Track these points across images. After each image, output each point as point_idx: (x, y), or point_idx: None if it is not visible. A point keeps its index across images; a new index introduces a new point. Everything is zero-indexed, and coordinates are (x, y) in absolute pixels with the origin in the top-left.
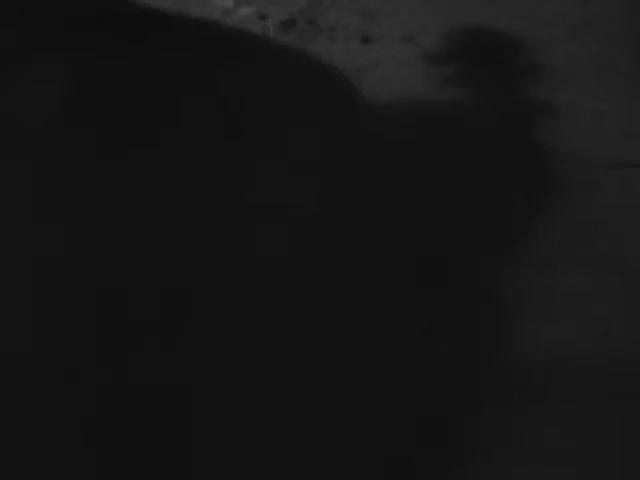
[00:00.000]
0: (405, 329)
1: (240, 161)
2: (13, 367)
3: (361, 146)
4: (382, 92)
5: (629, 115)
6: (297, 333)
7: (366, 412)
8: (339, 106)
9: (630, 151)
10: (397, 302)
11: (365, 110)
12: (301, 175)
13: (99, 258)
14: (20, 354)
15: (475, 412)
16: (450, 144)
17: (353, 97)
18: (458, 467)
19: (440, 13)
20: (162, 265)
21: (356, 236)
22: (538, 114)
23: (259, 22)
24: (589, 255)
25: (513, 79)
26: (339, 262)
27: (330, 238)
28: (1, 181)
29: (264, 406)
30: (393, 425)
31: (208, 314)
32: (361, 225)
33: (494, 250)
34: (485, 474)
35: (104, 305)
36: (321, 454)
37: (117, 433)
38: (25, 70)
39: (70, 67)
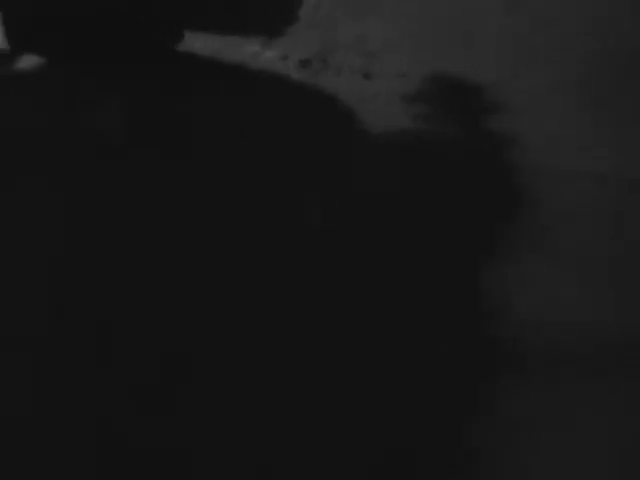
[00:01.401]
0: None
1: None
2: (15, 431)
3: (356, 160)
4: (379, 117)
5: (577, 134)
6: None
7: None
8: (340, 128)
9: (579, 163)
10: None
11: (361, 131)
12: (305, 186)
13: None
14: (22, 417)
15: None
16: (427, 160)
17: (352, 122)
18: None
19: (425, 53)
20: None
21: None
22: (501, 139)
23: (281, 62)
24: (551, 247)
25: (479, 111)
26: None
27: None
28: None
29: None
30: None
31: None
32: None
33: (475, 245)
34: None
35: (104, 370)
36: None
37: None
38: (93, 102)
39: (128, 100)
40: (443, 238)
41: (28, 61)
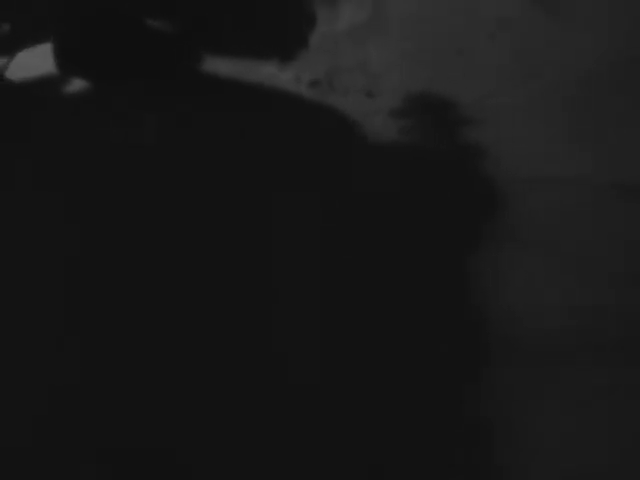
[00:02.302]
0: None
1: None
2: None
3: (356, 165)
4: (379, 130)
5: (544, 144)
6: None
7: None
8: (344, 139)
9: (544, 168)
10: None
11: (362, 141)
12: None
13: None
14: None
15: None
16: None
17: (355, 134)
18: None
19: (421, 73)
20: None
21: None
22: (474, 148)
23: (294, 83)
24: (527, 239)
25: (464, 124)
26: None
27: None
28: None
29: None
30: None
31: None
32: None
33: (461, 236)
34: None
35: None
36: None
37: None
38: (125, 117)
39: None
40: (430, 231)
41: (73, 82)
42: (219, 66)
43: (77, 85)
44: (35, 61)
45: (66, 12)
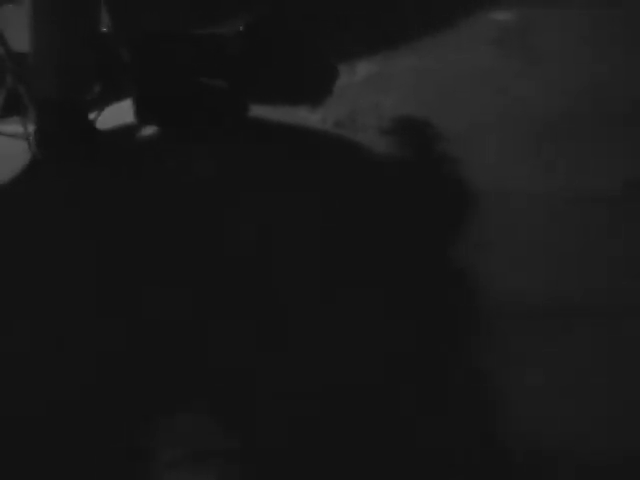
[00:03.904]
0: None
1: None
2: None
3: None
4: (389, 159)
5: (513, 158)
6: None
7: None
8: (357, 164)
9: (514, 182)
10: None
11: (371, 167)
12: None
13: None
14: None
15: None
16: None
17: (367, 161)
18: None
19: (428, 112)
20: None
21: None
22: (448, 164)
23: (321, 123)
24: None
25: (430, 144)
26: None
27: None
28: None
29: None
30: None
31: None
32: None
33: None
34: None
35: None
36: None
37: None
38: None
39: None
40: (416, 229)
41: (147, 128)
42: (263, 112)
43: (150, 130)
44: (119, 113)
45: (143, 79)
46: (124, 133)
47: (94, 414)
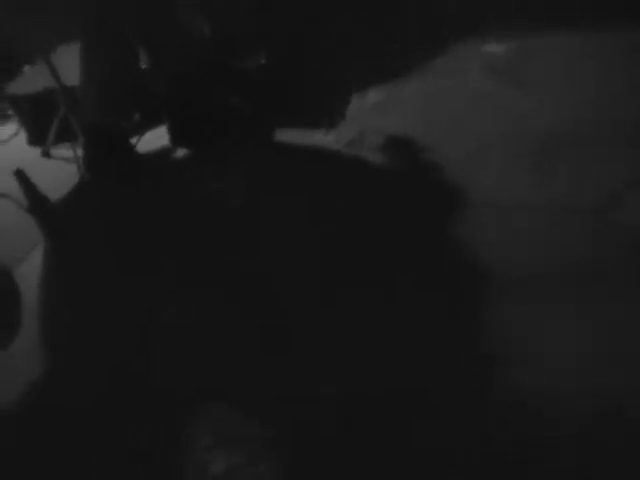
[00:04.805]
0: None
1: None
2: None
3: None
4: (392, 174)
5: (498, 173)
6: None
7: None
8: (363, 176)
9: (505, 196)
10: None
11: (377, 179)
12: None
13: None
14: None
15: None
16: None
17: (373, 175)
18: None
19: (426, 131)
20: None
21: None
22: (433, 171)
23: (335, 143)
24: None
25: (433, 159)
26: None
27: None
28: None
29: None
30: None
31: None
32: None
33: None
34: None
35: None
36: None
37: None
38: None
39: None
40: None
41: (180, 151)
42: (284, 135)
43: (182, 152)
44: (156, 139)
45: (177, 109)
46: (160, 155)
47: (103, 416)
